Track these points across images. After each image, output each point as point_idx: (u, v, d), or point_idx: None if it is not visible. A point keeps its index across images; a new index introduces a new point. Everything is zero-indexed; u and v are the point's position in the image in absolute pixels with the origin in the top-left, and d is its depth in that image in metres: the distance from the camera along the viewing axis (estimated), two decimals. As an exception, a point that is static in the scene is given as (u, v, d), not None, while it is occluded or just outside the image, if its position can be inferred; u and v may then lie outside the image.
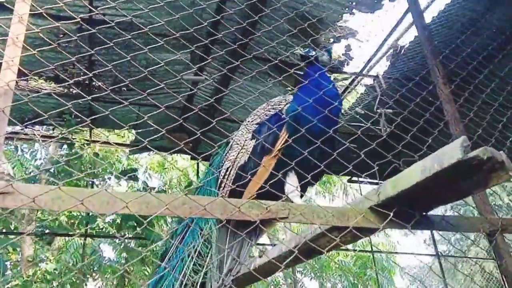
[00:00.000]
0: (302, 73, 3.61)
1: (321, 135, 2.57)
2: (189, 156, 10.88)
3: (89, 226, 7.93)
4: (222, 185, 3.34)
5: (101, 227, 8.48)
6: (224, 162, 3.46)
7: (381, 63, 7.06)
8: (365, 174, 3.17)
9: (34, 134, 8.15)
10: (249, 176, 2.89)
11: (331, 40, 6.52)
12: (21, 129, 7.87)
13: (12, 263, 11.39)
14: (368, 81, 7.21)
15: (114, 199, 1.65)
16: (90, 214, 8.05)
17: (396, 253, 16.04)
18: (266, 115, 3.31)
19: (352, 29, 6.32)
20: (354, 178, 10.78)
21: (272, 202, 1.79)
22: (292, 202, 2.57)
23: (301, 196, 3.12)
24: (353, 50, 6.61)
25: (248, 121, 3.51)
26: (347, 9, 6.05)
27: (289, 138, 2.86)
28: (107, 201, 1.65)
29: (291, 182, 2.85)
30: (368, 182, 11.13)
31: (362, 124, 8.29)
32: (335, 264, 13.10)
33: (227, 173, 3.33)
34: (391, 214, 1.77)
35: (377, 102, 6.99)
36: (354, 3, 6.02)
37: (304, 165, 2.49)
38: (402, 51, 6.91)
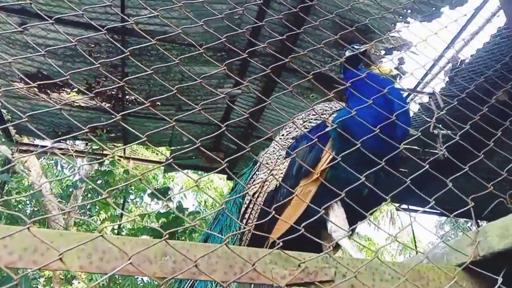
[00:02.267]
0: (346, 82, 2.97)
1: (381, 152, 1.92)
2: (225, 176, 10.42)
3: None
4: (246, 216, 2.71)
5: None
6: (250, 186, 2.82)
7: (439, 79, 6.34)
8: (427, 206, 2.50)
9: (68, 149, 7.93)
10: (280, 206, 2.27)
11: (383, 52, 5.89)
12: (54, 144, 7.65)
13: (45, 279, 11.23)
14: (424, 98, 6.50)
15: (43, 246, 1.11)
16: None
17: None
18: (306, 127, 2.66)
19: (406, 39, 5.67)
20: (403, 205, 9.89)
21: (309, 254, 1.22)
22: (337, 245, 1.97)
23: (350, 236, 2.48)
24: (407, 63, 5.94)
25: (282, 135, 2.88)
26: (401, 17, 5.43)
27: (336, 156, 2.20)
28: (34, 247, 1.12)
29: (337, 217, 2.22)
30: (423, 211, 10.23)
31: (415, 147, 7.56)
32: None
33: (253, 201, 2.69)
34: (500, 278, 1.14)
35: (433, 122, 6.24)
36: (409, 11, 5.39)
37: (356, 194, 1.90)
38: (463, 65, 6.17)
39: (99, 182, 8.32)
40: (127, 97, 6.64)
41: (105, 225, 7.39)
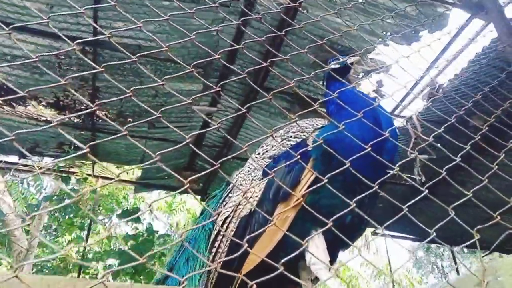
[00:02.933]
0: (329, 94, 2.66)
1: (368, 176, 1.74)
2: (199, 197, 10.11)
3: (81, 271, 7.13)
4: (216, 244, 2.41)
5: (94, 272, 7.67)
6: (221, 211, 2.52)
7: (417, 103, 6.32)
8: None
9: (33, 166, 7.53)
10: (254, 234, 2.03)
11: (361, 74, 5.83)
12: (19, 160, 7.26)
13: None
14: (401, 122, 6.44)
15: None
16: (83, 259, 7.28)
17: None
18: (285, 145, 2.40)
19: (385, 62, 5.63)
20: (378, 231, 9.78)
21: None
22: (317, 278, 1.76)
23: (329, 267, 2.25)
24: (385, 86, 5.89)
25: (258, 154, 2.62)
26: (380, 39, 5.38)
27: (318, 179, 2.02)
28: None
29: (317, 247, 2.02)
30: (394, 236, 10.13)
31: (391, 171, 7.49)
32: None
33: (224, 227, 2.39)
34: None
35: (410, 146, 6.17)
36: (389, 33, 5.36)
37: (338, 221, 1.72)
38: (440, 90, 6.16)
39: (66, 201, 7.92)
40: (97, 112, 6.35)
41: (66, 250, 6.97)
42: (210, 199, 2.98)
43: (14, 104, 6.07)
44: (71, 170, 7.70)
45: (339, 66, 2.69)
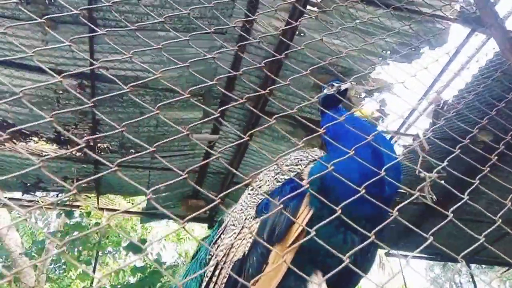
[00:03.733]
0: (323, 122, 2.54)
1: (368, 214, 1.61)
2: (206, 225, 9.97)
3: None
4: None
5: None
6: (213, 254, 2.36)
7: (422, 120, 6.18)
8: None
9: (37, 201, 7.48)
10: (248, 280, 1.89)
11: (363, 94, 5.74)
12: (23, 196, 7.21)
13: None
14: (407, 140, 6.31)
15: None
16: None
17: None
18: (278, 181, 2.23)
19: (386, 81, 5.53)
20: (393, 251, 9.52)
21: None
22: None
23: None
24: (388, 105, 5.78)
25: (252, 190, 2.44)
26: (380, 59, 5.30)
27: (314, 218, 1.88)
28: None
29: None
30: (408, 256, 9.87)
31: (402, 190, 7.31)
32: None
33: (216, 273, 2.22)
34: None
35: (418, 165, 6.00)
36: (389, 52, 5.28)
37: (339, 263, 1.59)
38: (446, 106, 6.04)
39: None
40: (99, 145, 6.31)
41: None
42: (203, 239, 2.82)
43: (15, 140, 6.04)
44: (76, 204, 7.63)
45: (330, 93, 2.49)
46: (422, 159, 6.23)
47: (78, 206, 7.62)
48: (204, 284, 2.30)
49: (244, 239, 2.18)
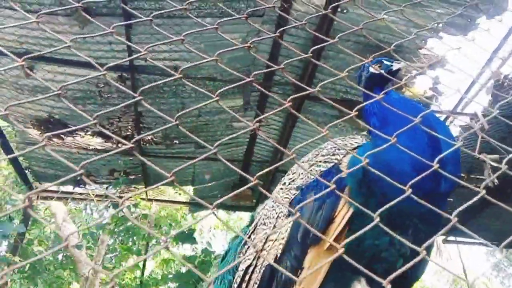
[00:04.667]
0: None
1: (423, 210, 1.35)
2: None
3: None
4: None
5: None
6: (241, 258, 2.10)
7: (479, 97, 5.71)
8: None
9: (89, 194, 7.66)
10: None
11: (414, 72, 5.34)
12: (74, 189, 7.40)
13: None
14: (465, 120, 5.85)
15: None
16: None
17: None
18: (314, 173, 1.92)
19: (439, 56, 5.11)
20: (451, 238, 9.02)
21: None
22: None
23: None
24: (443, 82, 5.36)
25: (284, 184, 2.15)
26: (432, 32, 4.89)
27: (355, 216, 1.63)
28: None
29: None
30: (467, 243, 9.34)
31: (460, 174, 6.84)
32: None
33: (246, 278, 1.98)
34: None
35: (478, 146, 5.55)
36: (440, 25, 4.85)
37: (386, 267, 1.37)
38: (507, 80, 5.53)
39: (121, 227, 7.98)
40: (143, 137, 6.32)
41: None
42: (234, 239, 2.62)
43: (62, 136, 6.16)
44: (125, 195, 7.76)
45: (378, 72, 2.06)
46: (482, 140, 5.78)
47: (127, 198, 7.73)
48: (233, 290, 2.08)
49: (276, 240, 1.95)
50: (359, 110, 1.58)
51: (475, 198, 1.17)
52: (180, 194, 8.34)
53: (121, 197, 5.37)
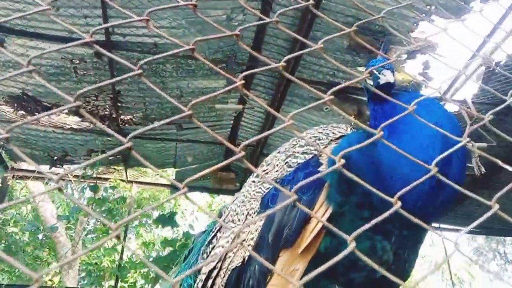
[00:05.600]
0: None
1: (416, 211, 1.19)
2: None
3: (119, 279, 6.95)
4: None
5: (132, 281, 7.48)
6: (203, 261, 1.90)
7: (470, 84, 5.57)
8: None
9: (67, 174, 7.39)
10: None
11: (404, 56, 5.16)
12: (50, 169, 7.13)
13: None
14: (454, 107, 5.71)
15: None
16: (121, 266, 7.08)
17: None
18: (290, 165, 1.72)
19: (430, 41, 4.93)
20: (434, 224, 9.01)
21: None
22: None
23: None
24: (433, 68, 5.19)
25: (257, 177, 1.93)
26: (424, 15, 4.70)
27: (334, 217, 1.44)
28: None
29: None
30: (451, 229, 9.35)
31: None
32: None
33: (208, 284, 1.78)
34: None
35: (466, 133, 5.39)
36: (433, 8, 4.66)
37: (366, 276, 1.20)
38: (497, 68, 5.38)
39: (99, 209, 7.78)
40: (121, 117, 6.06)
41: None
42: (199, 236, 2.41)
43: (37, 114, 5.88)
44: (104, 177, 7.53)
45: (372, 89, 1.71)
46: (470, 127, 5.63)
47: (106, 179, 7.50)
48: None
49: (245, 240, 1.71)
50: (334, 93, 1.33)
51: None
52: (160, 176, 8.13)
53: (99, 179, 5.13)
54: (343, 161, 0.87)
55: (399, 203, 0.82)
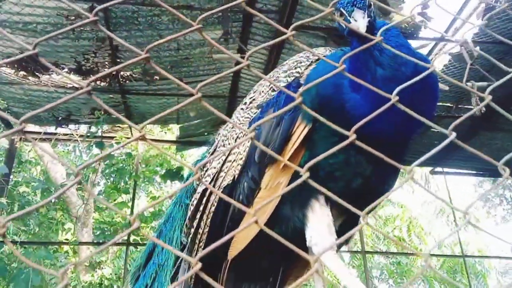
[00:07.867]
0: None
1: (384, 136, 1.26)
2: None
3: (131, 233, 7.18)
4: (194, 224, 1.97)
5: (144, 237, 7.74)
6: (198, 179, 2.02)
7: (470, 23, 5.49)
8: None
9: (72, 134, 7.52)
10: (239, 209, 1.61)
11: (402, -4, 5.07)
12: (56, 130, 7.25)
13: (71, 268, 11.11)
14: (454, 47, 5.66)
15: None
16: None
17: (489, 257, 13.58)
18: (274, 90, 1.85)
19: (429, -21, 4.82)
20: (438, 169, 9.11)
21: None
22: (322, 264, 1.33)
23: (339, 248, 1.80)
24: (432, 7, 5.11)
25: (245, 104, 2.08)
26: (422, -50, 4.57)
27: (314, 132, 1.57)
28: None
29: (320, 222, 1.56)
30: (455, 173, 9.44)
31: (448, 104, 6.74)
32: (417, 269, 11.42)
33: (203, 202, 1.95)
34: None
35: (466, 74, 5.39)
36: None
37: (345, 188, 1.28)
38: (499, 3, 5.29)
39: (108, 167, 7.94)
40: (122, 73, 6.08)
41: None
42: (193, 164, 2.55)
43: (38, 74, 5.91)
44: (109, 135, 7.64)
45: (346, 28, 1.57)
46: (470, 67, 5.60)
47: (112, 137, 7.61)
48: (189, 213, 2.05)
49: (234, 161, 1.88)
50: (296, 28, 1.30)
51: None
52: (165, 133, 8.23)
53: (105, 137, 5.22)
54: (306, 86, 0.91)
55: (354, 136, 0.86)
